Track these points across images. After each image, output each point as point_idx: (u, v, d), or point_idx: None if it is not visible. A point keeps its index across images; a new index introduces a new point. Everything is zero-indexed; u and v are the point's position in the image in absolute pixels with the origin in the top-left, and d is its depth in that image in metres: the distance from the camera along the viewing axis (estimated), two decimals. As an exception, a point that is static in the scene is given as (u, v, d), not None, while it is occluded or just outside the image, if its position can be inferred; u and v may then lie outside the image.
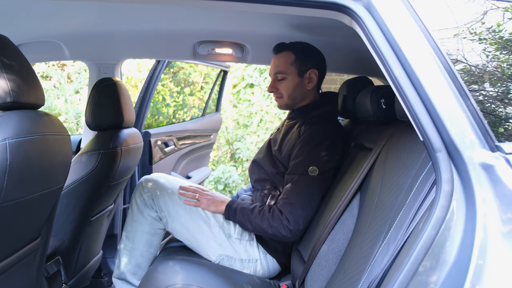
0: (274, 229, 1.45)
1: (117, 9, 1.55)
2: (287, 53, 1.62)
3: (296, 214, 1.43)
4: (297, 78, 1.61)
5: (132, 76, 5.24)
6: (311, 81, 1.63)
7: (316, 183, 1.47)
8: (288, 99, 1.64)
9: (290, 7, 0.92)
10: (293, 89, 1.62)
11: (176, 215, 1.59)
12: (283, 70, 1.61)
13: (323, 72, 1.68)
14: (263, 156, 1.67)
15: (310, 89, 1.64)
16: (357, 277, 1.05)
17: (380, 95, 1.51)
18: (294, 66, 1.61)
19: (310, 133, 1.53)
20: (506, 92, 1.01)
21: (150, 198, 1.60)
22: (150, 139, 2.47)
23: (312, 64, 1.62)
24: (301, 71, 1.61)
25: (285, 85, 1.62)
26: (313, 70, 1.62)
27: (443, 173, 0.83)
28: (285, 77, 1.61)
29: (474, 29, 0.98)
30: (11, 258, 1.09)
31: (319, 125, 1.56)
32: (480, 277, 0.78)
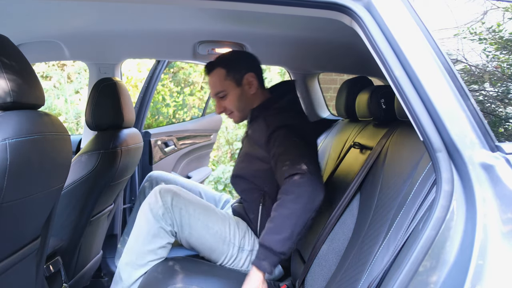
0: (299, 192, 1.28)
1: (117, 9, 1.55)
2: (218, 70, 1.61)
3: (301, 162, 1.33)
4: (237, 89, 1.60)
5: (132, 76, 5.24)
6: (251, 85, 1.61)
7: (295, 144, 1.42)
8: (239, 112, 1.63)
9: (290, 7, 0.92)
10: (238, 101, 1.60)
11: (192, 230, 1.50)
12: (220, 88, 1.60)
13: (259, 70, 1.66)
14: (241, 164, 1.62)
15: (254, 92, 1.62)
16: (357, 277, 1.05)
17: (380, 95, 1.52)
18: (229, 80, 1.59)
19: (278, 119, 1.49)
20: (506, 92, 1.01)
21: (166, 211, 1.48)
22: (150, 139, 2.47)
23: (245, 69, 1.60)
24: (238, 80, 1.59)
25: (229, 101, 1.61)
26: (248, 74, 1.60)
27: (443, 173, 0.83)
28: (225, 94, 1.60)
29: (474, 29, 0.98)
30: (11, 258, 1.09)
31: (286, 112, 1.55)
32: (480, 277, 0.78)
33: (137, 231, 1.50)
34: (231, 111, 1.63)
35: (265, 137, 1.48)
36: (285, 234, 1.26)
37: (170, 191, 1.50)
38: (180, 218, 1.48)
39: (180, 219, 1.48)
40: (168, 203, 1.46)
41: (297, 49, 2.06)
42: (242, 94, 1.60)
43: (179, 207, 1.48)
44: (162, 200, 1.46)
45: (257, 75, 1.62)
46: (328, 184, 1.73)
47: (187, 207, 1.49)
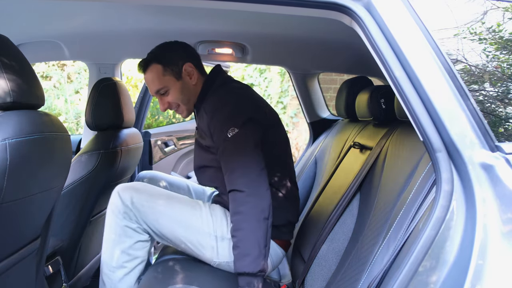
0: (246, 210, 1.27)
1: (117, 9, 1.55)
2: (154, 67, 1.51)
3: (241, 177, 1.29)
4: (178, 83, 1.50)
5: (132, 76, 5.23)
6: (191, 74, 1.52)
7: (242, 139, 1.34)
8: (184, 105, 1.53)
9: (290, 7, 0.92)
10: (181, 93, 1.51)
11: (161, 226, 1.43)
12: (160, 85, 1.50)
13: (196, 59, 1.56)
14: (198, 156, 1.56)
15: (196, 81, 1.53)
16: (357, 277, 1.05)
17: (380, 95, 1.52)
18: (168, 74, 1.50)
19: (213, 105, 1.44)
20: (506, 92, 1.01)
21: (127, 209, 1.41)
22: (150, 139, 2.47)
23: (181, 60, 1.50)
24: (177, 73, 1.50)
25: (172, 96, 1.51)
26: (186, 65, 1.50)
27: (443, 173, 0.83)
28: (167, 90, 1.51)
29: (474, 29, 0.98)
30: (11, 258, 1.09)
31: (221, 92, 1.48)
32: (480, 277, 0.78)
33: (106, 234, 1.46)
34: (177, 105, 1.54)
35: (208, 126, 1.42)
36: (253, 253, 1.25)
37: (130, 188, 1.44)
38: (144, 215, 1.41)
39: (144, 216, 1.41)
40: (128, 201, 1.40)
41: (297, 49, 2.06)
42: (183, 87, 1.51)
43: (140, 203, 1.41)
44: (121, 198, 1.41)
45: (195, 64, 1.53)
46: (328, 184, 1.73)
47: (149, 203, 1.42)
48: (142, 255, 1.46)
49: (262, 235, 1.26)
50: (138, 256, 1.45)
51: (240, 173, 1.30)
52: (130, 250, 1.44)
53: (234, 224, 1.28)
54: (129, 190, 1.43)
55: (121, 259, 1.43)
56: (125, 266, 1.44)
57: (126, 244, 1.43)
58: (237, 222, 1.28)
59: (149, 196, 1.44)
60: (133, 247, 1.44)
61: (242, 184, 1.28)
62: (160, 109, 1.57)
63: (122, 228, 1.42)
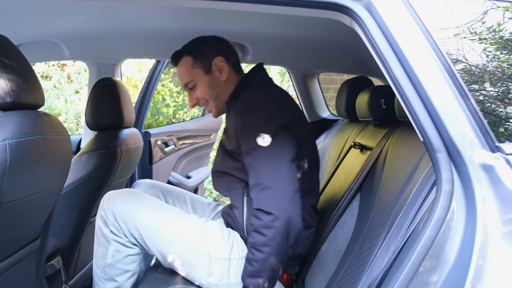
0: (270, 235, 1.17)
1: (117, 9, 1.55)
2: (184, 59, 1.45)
3: (271, 196, 1.16)
4: (207, 77, 1.42)
5: (132, 76, 5.23)
6: (222, 69, 1.42)
7: (276, 150, 1.21)
8: (213, 101, 1.45)
9: (290, 7, 0.92)
10: (209, 89, 1.43)
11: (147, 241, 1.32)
12: (189, 79, 1.43)
13: (229, 54, 1.46)
14: (221, 159, 1.44)
15: (226, 78, 1.43)
16: (357, 278, 1.05)
17: (381, 95, 1.52)
18: (197, 68, 1.43)
19: (244, 105, 1.32)
20: (506, 92, 1.01)
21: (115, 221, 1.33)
22: (150, 139, 2.47)
23: (212, 54, 1.42)
24: (206, 67, 1.42)
25: (199, 91, 1.43)
26: (216, 59, 1.42)
27: (443, 174, 0.82)
28: (195, 84, 1.43)
29: (474, 28, 0.98)
30: (11, 258, 1.09)
31: (256, 91, 1.37)
32: (481, 277, 0.78)
33: (95, 245, 1.39)
34: (205, 101, 1.45)
35: (236, 129, 1.31)
36: (265, 276, 1.19)
37: (117, 197, 1.35)
38: (132, 228, 1.32)
39: (132, 228, 1.32)
40: (114, 212, 1.32)
41: (297, 49, 2.05)
42: (212, 82, 1.42)
43: (127, 215, 1.31)
44: (107, 210, 1.32)
45: (227, 59, 1.44)
46: (328, 184, 1.73)
47: (136, 214, 1.32)
48: (133, 268, 1.38)
49: (279, 262, 1.20)
50: (128, 270, 1.37)
51: (271, 193, 1.17)
52: (120, 265, 1.35)
53: (254, 242, 1.19)
54: (114, 200, 1.34)
55: (110, 273, 1.36)
56: (115, 279, 1.36)
57: (115, 258, 1.35)
58: (258, 243, 1.18)
59: (137, 207, 1.34)
60: (123, 261, 1.35)
61: (272, 206, 1.15)
62: (189, 105, 1.50)
63: (110, 242, 1.34)
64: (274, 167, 1.20)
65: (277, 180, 1.18)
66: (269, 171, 1.19)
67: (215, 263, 1.28)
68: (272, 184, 1.17)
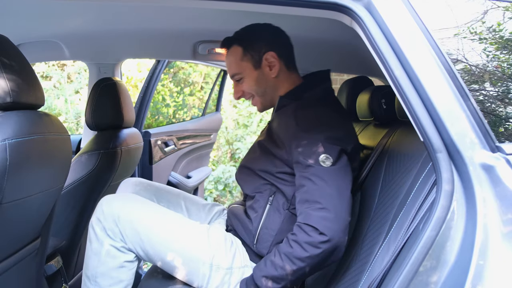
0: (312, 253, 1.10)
1: (117, 9, 1.55)
2: (234, 49, 1.36)
3: (328, 218, 1.10)
4: (255, 72, 1.34)
5: (132, 76, 5.24)
6: (273, 66, 1.34)
7: (337, 172, 1.16)
8: (259, 97, 1.38)
9: (290, 7, 0.92)
10: (256, 84, 1.35)
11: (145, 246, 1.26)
12: (236, 70, 1.36)
13: (283, 49, 1.37)
14: (257, 157, 1.37)
15: (276, 75, 1.35)
16: (357, 278, 1.05)
17: (381, 95, 1.52)
18: (246, 60, 1.34)
19: (311, 116, 1.24)
20: (506, 92, 1.01)
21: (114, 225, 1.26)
22: (150, 139, 2.47)
23: (264, 48, 1.33)
24: (256, 61, 1.34)
25: (246, 85, 1.36)
26: (268, 54, 1.33)
27: (443, 173, 0.82)
28: (242, 77, 1.36)
29: (474, 28, 0.98)
30: (11, 258, 1.09)
31: (319, 106, 1.28)
32: (481, 277, 0.78)
33: (87, 251, 1.30)
34: (251, 95, 1.39)
35: (291, 135, 1.23)
36: (282, 284, 1.15)
37: (116, 201, 1.29)
38: (131, 233, 1.25)
39: (130, 234, 1.25)
40: (113, 216, 1.25)
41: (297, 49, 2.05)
42: (261, 78, 1.35)
43: (127, 219, 1.25)
44: (106, 214, 1.26)
45: (279, 55, 1.34)
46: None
47: (138, 219, 1.26)
48: (127, 278, 1.29)
49: (300, 278, 1.16)
50: (122, 280, 1.28)
51: (329, 216, 1.10)
52: (114, 272, 1.27)
53: (291, 253, 1.13)
54: (116, 203, 1.28)
55: (102, 282, 1.27)
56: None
57: (109, 265, 1.26)
58: (296, 255, 1.12)
59: (138, 211, 1.28)
60: (117, 269, 1.27)
61: (327, 229, 1.09)
62: (234, 96, 1.42)
63: (105, 247, 1.26)
64: (337, 190, 1.14)
65: (338, 205, 1.12)
66: (331, 193, 1.13)
67: (216, 272, 1.24)
68: (332, 207, 1.11)
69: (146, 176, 2.48)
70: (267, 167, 1.31)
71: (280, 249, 1.16)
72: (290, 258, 1.13)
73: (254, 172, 1.35)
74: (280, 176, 1.28)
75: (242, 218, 1.36)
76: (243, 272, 1.27)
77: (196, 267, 1.24)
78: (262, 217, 1.30)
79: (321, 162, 1.16)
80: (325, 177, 1.14)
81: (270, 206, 1.30)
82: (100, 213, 1.27)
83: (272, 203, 1.30)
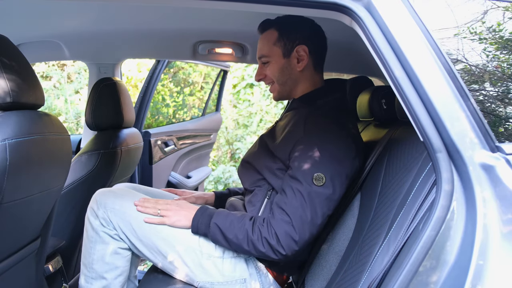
0: (262, 249, 1.19)
1: (116, 9, 1.55)
2: (270, 32, 1.36)
3: (293, 238, 1.17)
4: (282, 60, 1.34)
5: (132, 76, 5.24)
6: (301, 59, 1.34)
7: (322, 197, 1.18)
8: (279, 85, 1.38)
9: (290, 7, 0.92)
10: (280, 72, 1.36)
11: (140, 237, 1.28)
12: (265, 53, 1.36)
13: (317, 47, 1.37)
14: (256, 152, 1.39)
15: (301, 70, 1.35)
16: (357, 278, 1.05)
17: (381, 95, 1.51)
18: (278, 46, 1.34)
19: (319, 128, 1.25)
20: (506, 92, 1.01)
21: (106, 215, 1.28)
22: (150, 139, 2.47)
23: (299, 40, 1.33)
24: (287, 50, 1.34)
25: (270, 70, 1.36)
26: (300, 47, 1.33)
27: (443, 173, 0.82)
28: (269, 60, 1.36)
29: (474, 28, 0.98)
30: (11, 258, 1.09)
31: (331, 119, 1.28)
32: (481, 277, 0.78)
33: (84, 241, 1.33)
34: (271, 81, 1.39)
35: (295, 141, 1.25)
36: (220, 242, 1.24)
37: (109, 193, 1.32)
38: (122, 223, 1.28)
39: (122, 223, 1.28)
40: (106, 206, 1.28)
41: (297, 49, 2.05)
42: (286, 68, 1.35)
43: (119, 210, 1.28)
44: (99, 204, 1.29)
45: (311, 52, 1.34)
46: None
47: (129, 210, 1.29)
48: (122, 265, 1.32)
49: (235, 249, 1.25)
50: (118, 266, 1.31)
51: (296, 238, 1.17)
52: (108, 258, 1.29)
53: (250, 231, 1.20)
54: (108, 195, 1.31)
55: (99, 269, 1.30)
56: (103, 277, 1.30)
57: (103, 251, 1.29)
58: (252, 237, 1.20)
59: (129, 202, 1.31)
60: (112, 255, 1.29)
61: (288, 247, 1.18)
62: (255, 77, 1.42)
63: (99, 234, 1.29)
64: (311, 216, 1.18)
65: (306, 231, 1.18)
66: (305, 218, 1.18)
67: (208, 261, 1.28)
68: (298, 229, 1.17)
69: (146, 176, 2.48)
70: (266, 162, 1.33)
71: (246, 223, 1.22)
72: (248, 237, 1.20)
73: (254, 167, 1.37)
74: (278, 173, 1.31)
75: (240, 209, 1.39)
76: (236, 261, 1.30)
77: (187, 255, 1.27)
78: (260, 210, 1.33)
79: (313, 180, 1.18)
80: (307, 198, 1.18)
81: (267, 200, 1.33)
82: (94, 203, 1.30)
83: (270, 198, 1.33)
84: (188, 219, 1.28)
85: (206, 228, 1.25)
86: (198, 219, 1.27)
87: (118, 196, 1.32)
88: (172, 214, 1.28)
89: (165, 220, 1.27)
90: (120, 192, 1.34)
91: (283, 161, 1.28)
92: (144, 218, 1.27)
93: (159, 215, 1.28)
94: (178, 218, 1.28)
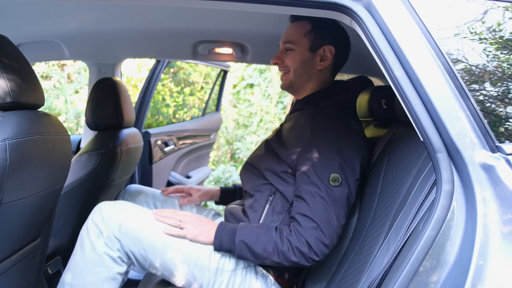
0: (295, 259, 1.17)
1: (116, 9, 1.55)
2: (303, 23, 1.35)
3: (323, 242, 1.16)
4: (307, 53, 1.34)
5: (132, 76, 5.24)
6: (324, 59, 1.35)
7: (343, 197, 1.19)
8: (294, 76, 1.36)
9: (290, 7, 0.92)
10: (300, 64, 1.35)
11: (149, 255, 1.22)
12: (293, 40, 1.35)
13: (341, 53, 1.38)
14: (261, 156, 1.38)
15: (321, 69, 1.36)
16: (357, 278, 1.05)
17: (381, 95, 1.51)
18: (307, 38, 1.34)
19: (326, 129, 1.25)
20: (506, 92, 1.01)
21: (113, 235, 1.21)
22: (150, 139, 2.48)
23: (329, 40, 1.34)
24: (314, 45, 1.34)
25: (291, 57, 1.35)
26: (328, 47, 1.34)
27: (443, 173, 0.83)
28: (293, 48, 1.35)
29: (474, 28, 0.98)
30: (12, 258, 1.09)
31: (337, 120, 1.29)
32: (481, 277, 0.78)
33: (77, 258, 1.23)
34: (287, 70, 1.37)
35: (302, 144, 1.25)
36: (249, 258, 1.21)
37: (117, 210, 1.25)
38: (132, 243, 1.21)
39: (132, 243, 1.21)
40: (114, 225, 1.21)
41: (297, 49, 2.05)
42: (308, 61, 1.35)
43: (130, 229, 1.21)
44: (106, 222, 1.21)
45: (336, 55, 1.35)
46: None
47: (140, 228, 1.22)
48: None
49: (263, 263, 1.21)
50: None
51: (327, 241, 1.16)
52: (105, 284, 1.21)
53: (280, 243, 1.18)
54: (117, 212, 1.24)
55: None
56: None
57: (101, 275, 1.20)
58: (283, 249, 1.18)
59: (139, 220, 1.24)
60: (109, 280, 1.22)
61: (320, 252, 1.17)
62: (271, 61, 1.41)
63: (100, 255, 1.20)
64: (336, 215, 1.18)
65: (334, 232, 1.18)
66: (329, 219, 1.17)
67: (221, 276, 1.25)
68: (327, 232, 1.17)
69: (146, 176, 2.49)
70: (272, 165, 1.32)
71: (273, 235, 1.20)
72: (278, 249, 1.18)
73: (257, 170, 1.36)
74: (283, 176, 1.30)
75: (240, 217, 1.37)
76: (246, 272, 1.28)
77: (199, 273, 1.24)
78: (262, 216, 1.32)
79: (330, 181, 1.19)
80: (329, 200, 1.17)
81: (269, 206, 1.32)
82: (99, 219, 1.22)
83: (272, 203, 1.32)
84: (207, 236, 1.24)
85: (231, 244, 1.22)
86: (220, 236, 1.23)
87: (125, 212, 1.25)
88: (192, 228, 1.24)
89: (186, 234, 1.23)
90: (126, 208, 1.28)
91: (289, 164, 1.27)
92: (164, 229, 1.23)
93: (179, 226, 1.24)
94: (198, 233, 1.24)
